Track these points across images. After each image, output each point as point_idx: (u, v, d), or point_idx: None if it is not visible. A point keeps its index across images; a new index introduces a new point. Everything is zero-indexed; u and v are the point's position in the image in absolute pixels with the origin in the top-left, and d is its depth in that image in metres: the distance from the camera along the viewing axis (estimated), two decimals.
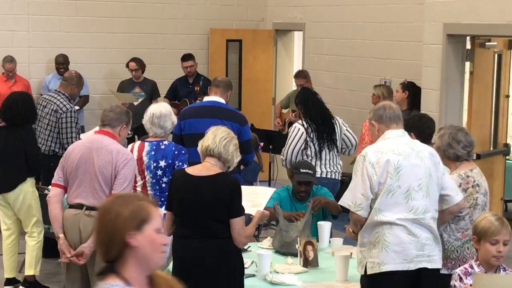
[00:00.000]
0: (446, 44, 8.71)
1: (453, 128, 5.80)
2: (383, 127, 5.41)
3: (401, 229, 5.07)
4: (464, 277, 4.58)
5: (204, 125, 6.96)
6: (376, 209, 5.10)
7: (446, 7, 8.65)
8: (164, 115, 6.34)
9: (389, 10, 10.40)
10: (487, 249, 4.56)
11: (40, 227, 7.68)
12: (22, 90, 10.99)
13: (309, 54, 12.07)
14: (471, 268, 4.62)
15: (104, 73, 12.16)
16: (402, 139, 5.36)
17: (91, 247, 5.63)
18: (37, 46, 11.91)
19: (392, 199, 5.12)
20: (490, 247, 4.54)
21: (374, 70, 10.56)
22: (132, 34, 12.37)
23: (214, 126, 5.45)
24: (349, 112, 10.58)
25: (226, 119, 6.90)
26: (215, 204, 5.12)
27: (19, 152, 7.50)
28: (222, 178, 5.18)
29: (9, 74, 11.27)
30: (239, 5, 12.99)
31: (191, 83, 11.37)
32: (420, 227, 5.16)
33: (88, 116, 11.53)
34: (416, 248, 5.12)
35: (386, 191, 5.11)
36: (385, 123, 5.41)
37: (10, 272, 7.80)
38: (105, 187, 5.70)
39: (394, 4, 10.33)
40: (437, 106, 8.67)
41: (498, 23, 8.12)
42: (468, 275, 4.58)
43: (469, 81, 9.00)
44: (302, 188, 6.56)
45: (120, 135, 5.97)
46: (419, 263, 5.14)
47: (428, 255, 5.18)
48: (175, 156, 6.26)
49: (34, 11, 11.87)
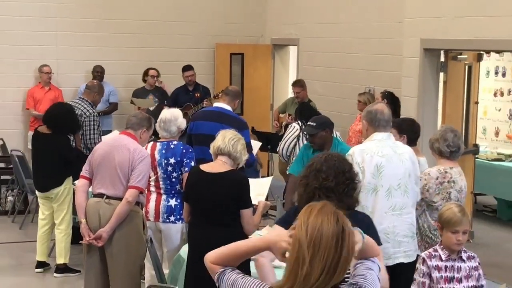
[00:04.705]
0: (423, 57, 8.73)
1: (447, 128, 5.79)
2: (371, 129, 5.36)
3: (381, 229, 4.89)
4: (428, 260, 4.55)
5: (208, 128, 7.03)
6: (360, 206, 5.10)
7: (423, 25, 8.67)
8: (169, 121, 6.34)
9: (373, 28, 10.41)
10: (449, 237, 4.54)
11: (67, 221, 7.68)
12: (55, 96, 11.15)
13: (303, 66, 12.08)
14: (435, 252, 4.59)
15: (122, 82, 12.17)
16: (387, 142, 5.31)
17: (108, 231, 5.66)
18: (65, 59, 11.92)
19: (375, 197, 5.12)
20: (451, 235, 4.52)
21: (360, 80, 10.57)
22: (147, 48, 12.38)
23: (223, 130, 5.45)
24: (338, 117, 10.56)
25: (227, 123, 6.90)
26: (225, 197, 5.11)
27: (56, 157, 7.50)
28: (232, 174, 5.18)
29: (46, 81, 11.34)
30: (241, 22, 13.00)
31: (191, 91, 11.38)
32: (399, 222, 5.16)
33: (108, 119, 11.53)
34: (393, 246, 5.11)
35: (369, 189, 5.10)
36: (374, 126, 5.34)
37: (41, 256, 7.85)
38: (123, 180, 5.71)
39: (377, 22, 10.35)
40: (415, 111, 8.68)
41: (468, 39, 8.14)
42: (432, 258, 4.56)
43: (443, 89, 9.03)
44: (310, 139, 6.69)
45: (141, 138, 5.99)
46: (396, 259, 5.13)
47: (404, 251, 5.17)
48: (183, 154, 6.26)
49: (62, 29, 11.89)
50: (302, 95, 10.45)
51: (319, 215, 2.58)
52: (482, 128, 11.85)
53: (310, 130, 6.68)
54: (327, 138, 6.71)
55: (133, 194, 5.67)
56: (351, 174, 3.80)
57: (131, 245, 5.71)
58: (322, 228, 2.54)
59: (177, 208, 6.24)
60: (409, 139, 6.12)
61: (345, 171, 3.77)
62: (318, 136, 6.68)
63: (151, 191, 6.33)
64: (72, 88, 11.80)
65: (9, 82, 11.66)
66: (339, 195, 3.69)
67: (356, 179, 3.82)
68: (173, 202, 6.27)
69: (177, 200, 6.24)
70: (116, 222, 5.66)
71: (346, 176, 3.75)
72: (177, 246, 6.21)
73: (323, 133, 6.67)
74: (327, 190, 3.67)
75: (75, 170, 6.84)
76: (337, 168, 3.74)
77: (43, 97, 11.31)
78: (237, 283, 2.70)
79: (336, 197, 3.66)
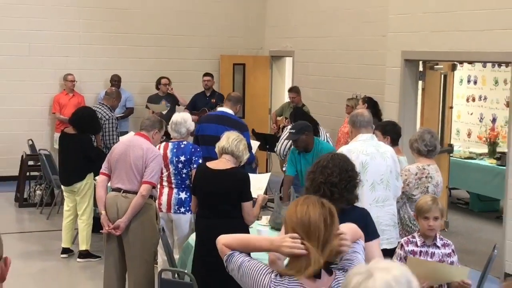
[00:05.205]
0: (404, 67, 8.74)
1: (425, 130, 5.80)
2: (356, 131, 5.42)
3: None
4: (405, 245, 4.54)
5: (212, 129, 7.03)
6: None
7: (404, 39, 8.68)
8: (179, 123, 6.35)
9: (360, 41, 10.42)
10: (422, 223, 4.54)
11: (89, 212, 7.68)
12: (78, 102, 11.16)
13: (298, 74, 12.08)
14: (413, 238, 4.58)
15: (138, 89, 12.17)
16: (370, 142, 5.35)
17: (125, 221, 5.65)
18: (87, 68, 11.93)
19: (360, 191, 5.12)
20: (423, 222, 4.52)
21: (348, 87, 10.57)
22: (159, 59, 12.38)
23: (227, 131, 5.46)
24: (329, 120, 10.60)
25: (230, 125, 6.90)
26: (229, 191, 5.11)
27: (79, 154, 7.51)
28: (235, 171, 5.18)
29: (70, 88, 11.36)
30: (243, 36, 13.00)
31: (208, 96, 11.40)
32: (382, 213, 5.16)
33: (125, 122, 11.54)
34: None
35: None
36: (357, 128, 5.41)
37: (66, 243, 7.84)
38: (138, 176, 5.71)
39: (363, 36, 10.35)
40: (396, 115, 8.69)
41: (443, 51, 8.16)
42: (409, 243, 4.55)
43: (421, 95, 9.04)
44: (293, 143, 6.68)
45: (154, 138, 5.98)
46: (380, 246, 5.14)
47: (387, 238, 5.17)
48: (192, 153, 6.26)
49: (84, 42, 11.92)
50: (297, 100, 10.46)
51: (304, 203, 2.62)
52: (456, 130, 11.86)
53: (292, 137, 6.68)
54: (308, 140, 6.70)
55: (147, 189, 5.67)
56: (353, 173, 3.80)
57: (146, 234, 5.71)
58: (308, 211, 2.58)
59: (186, 200, 6.25)
60: (392, 139, 6.15)
61: (348, 169, 3.77)
62: (300, 140, 6.68)
63: (164, 185, 6.33)
64: (93, 94, 11.80)
65: (38, 89, 11.67)
66: (341, 190, 3.69)
67: (357, 178, 3.83)
68: (183, 195, 6.28)
69: (187, 193, 6.25)
70: (132, 214, 5.66)
71: (349, 174, 3.76)
72: (186, 234, 6.21)
73: (303, 136, 6.67)
74: (331, 185, 3.68)
75: (96, 167, 6.87)
76: (341, 166, 3.75)
77: (67, 103, 11.32)
78: (244, 265, 2.71)
79: (338, 192, 3.66)
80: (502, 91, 11.22)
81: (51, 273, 7.43)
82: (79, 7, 11.84)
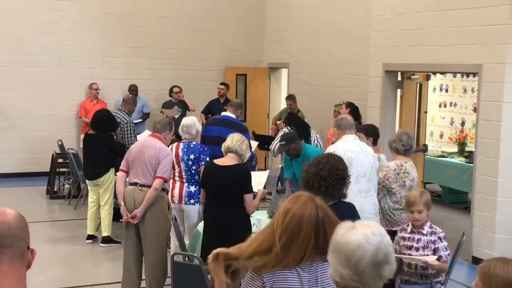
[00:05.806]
0: (384, 77, 8.72)
1: (402, 132, 5.80)
2: (341, 132, 5.50)
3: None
4: (399, 232, 4.72)
5: (217, 131, 7.02)
6: None
7: (385, 53, 8.66)
8: (190, 126, 6.33)
9: (346, 55, 10.39)
10: (409, 215, 4.62)
11: (110, 203, 7.66)
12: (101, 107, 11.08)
13: (292, 83, 12.06)
14: (407, 226, 4.70)
15: (153, 96, 12.15)
16: (354, 142, 5.42)
17: (141, 211, 5.62)
18: (109, 78, 11.92)
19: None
20: (410, 214, 4.60)
21: (335, 94, 10.55)
22: (172, 70, 12.35)
23: (231, 133, 5.45)
24: (319, 123, 10.59)
25: (232, 128, 6.88)
26: (233, 184, 5.09)
27: (103, 151, 7.48)
28: (238, 167, 5.17)
29: (94, 95, 11.35)
30: (245, 50, 12.98)
31: (221, 103, 11.34)
32: (365, 202, 5.15)
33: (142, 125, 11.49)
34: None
35: None
36: (342, 130, 5.51)
37: (91, 230, 7.82)
38: (152, 172, 5.67)
39: (349, 50, 10.33)
40: (378, 119, 8.67)
41: (419, 63, 8.14)
42: (402, 231, 4.71)
43: (400, 102, 9.02)
44: (286, 153, 6.58)
45: (165, 138, 5.96)
46: None
47: None
48: (200, 152, 6.24)
49: (107, 55, 11.90)
50: (294, 106, 10.42)
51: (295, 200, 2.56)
52: (430, 132, 11.83)
53: (283, 148, 6.60)
54: (297, 147, 6.63)
55: (159, 183, 5.64)
56: (343, 172, 3.75)
57: (159, 222, 5.68)
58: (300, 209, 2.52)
59: (195, 193, 6.22)
60: (374, 140, 6.14)
61: (338, 168, 3.73)
62: (291, 149, 6.63)
63: (176, 180, 6.30)
64: (113, 101, 11.78)
65: (66, 96, 11.66)
66: (328, 185, 3.65)
67: (346, 178, 3.77)
68: (193, 188, 6.26)
69: (196, 187, 6.22)
70: (147, 205, 5.63)
71: (338, 172, 3.72)
72: (195, 223, 6.19)
73: (293, 145, 6.63)
74: (320, 178, 3.65)
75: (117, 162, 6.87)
76: (333, 164, 3.73)
77: (92, 108, 11.27)
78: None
79: (325, 186, 3.62)
80: (470, 98, 11.19)
81: (77, 256, 7.40)
82: (102, 25, 11.83)
